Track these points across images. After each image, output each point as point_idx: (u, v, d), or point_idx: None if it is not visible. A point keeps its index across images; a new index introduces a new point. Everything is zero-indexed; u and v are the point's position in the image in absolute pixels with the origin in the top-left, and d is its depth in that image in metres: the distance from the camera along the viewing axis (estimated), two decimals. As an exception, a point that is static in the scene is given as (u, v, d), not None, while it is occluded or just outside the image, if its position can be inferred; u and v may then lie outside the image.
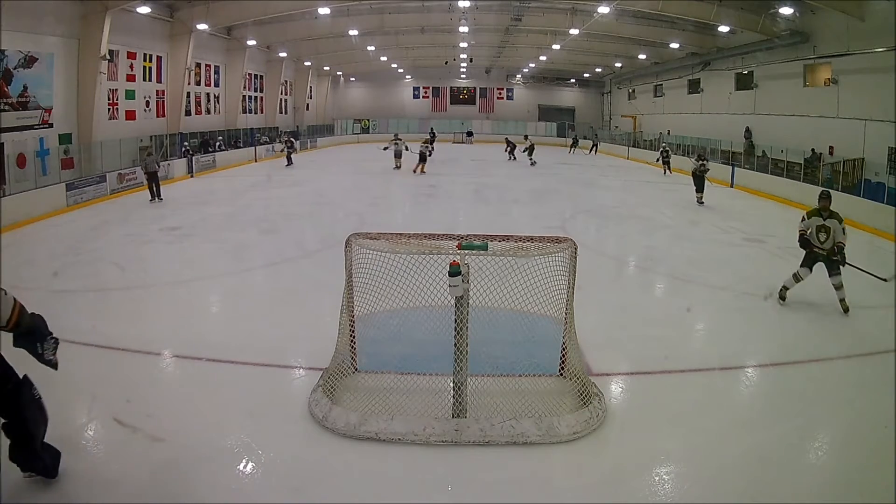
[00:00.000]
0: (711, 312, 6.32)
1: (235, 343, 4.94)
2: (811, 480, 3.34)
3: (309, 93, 32.35)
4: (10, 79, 12.61)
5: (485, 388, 3.86)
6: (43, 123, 13.63)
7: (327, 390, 3.93)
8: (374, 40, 25.45)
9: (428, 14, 22.10)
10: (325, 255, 7.82)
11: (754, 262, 8.33)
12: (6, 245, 8.55)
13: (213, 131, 21.71)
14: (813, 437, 3.86)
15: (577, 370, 4.06)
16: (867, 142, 14.13)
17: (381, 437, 3.53)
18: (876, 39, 13.46)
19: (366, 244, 3.93)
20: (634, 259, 8.62)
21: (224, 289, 6.86)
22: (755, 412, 4.11)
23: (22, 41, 12.75)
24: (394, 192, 15.62)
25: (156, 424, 3.62)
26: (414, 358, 4.18)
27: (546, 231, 7.69)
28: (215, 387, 4.26)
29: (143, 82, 17.91)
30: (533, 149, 22.26)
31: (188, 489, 3.08)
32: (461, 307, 3.61)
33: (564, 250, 3.96)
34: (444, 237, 3.84)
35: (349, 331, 4.19)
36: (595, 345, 4.77)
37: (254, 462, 3.35)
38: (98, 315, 5.70)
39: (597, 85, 36.64)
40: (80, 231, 9.82)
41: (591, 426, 3.67)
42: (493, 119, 37.49)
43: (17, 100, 12.87)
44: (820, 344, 5.31)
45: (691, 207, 13.02)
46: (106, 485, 3.10)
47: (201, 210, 11.83)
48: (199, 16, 17.96)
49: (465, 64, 32.64)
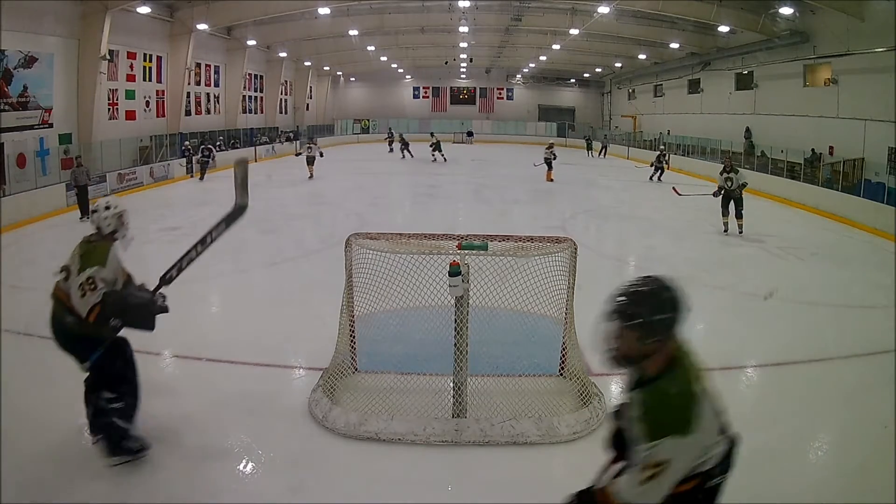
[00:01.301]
0: (711, 312, 6.31)
1: (235, 343, 4.94)
2: (811, 480, 3.34)
3: (309, 93, 32.36)
4: (10, 79, 12.62)
5: (485, 388, 3.86)
6: (43, 123, 13.63)
7: (327, 390, 3.93)
8: (374, 40, 25.45)
9: (428, 14, 22.11)
10: (325, 255, 7.82)
11: (754, 262, 8.33)
12: (6, 245, 8.56)
13: (214, 131, 21.72)
14: (813, 437, 3.86)
15: (577, 370, 4.06)
16: (867, 142, 14.14)
17: (381, 437, 3.53)
18: (876, 39, 13.46)
19: (366, 244, 3.93)
20: (634, 259, 8.62)
21: (224, 289, 6.86)
22: (755, 412, 4.10)
23: (22, 41, 12.76)
24: (394, 192, 15.62)
25: (155, 424, 3.62)
26: (414, 358, 4.18)
27: (546, 231, 7.68)
28: (215, 387, 4.26)
29: (143, 82, 17.92)
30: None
31: (188, 489, 3.08)
32: (461, 307, 3.61)
33: (564, 250, 3.96)
34: (444, 237, 3.83)
35: (349, 331, 4.19)
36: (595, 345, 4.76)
37: (254, 462, 3.35)
38: (98, 315, 5.69)
39: (597, 85, 36.64)
40: (80, 231, 9.81)
41: (591, 426, 3.66)
42: (493, 119, 37.49)
43: (17, 100, 12.88)
44: (820, 344, 5.30)
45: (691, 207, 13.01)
46: (106, 485, 3.10)
47: (201, 210, 11.82)
48: (199, 16, 17.97)
49: (465, 64, 32.64)
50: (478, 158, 24.54)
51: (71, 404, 3.94)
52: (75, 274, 3.14)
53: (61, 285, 3.24)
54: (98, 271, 3.12)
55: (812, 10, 15.40)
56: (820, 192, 13.44)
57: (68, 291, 3.17)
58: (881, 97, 13.40)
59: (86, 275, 3.10)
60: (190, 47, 18.92)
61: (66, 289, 3.20)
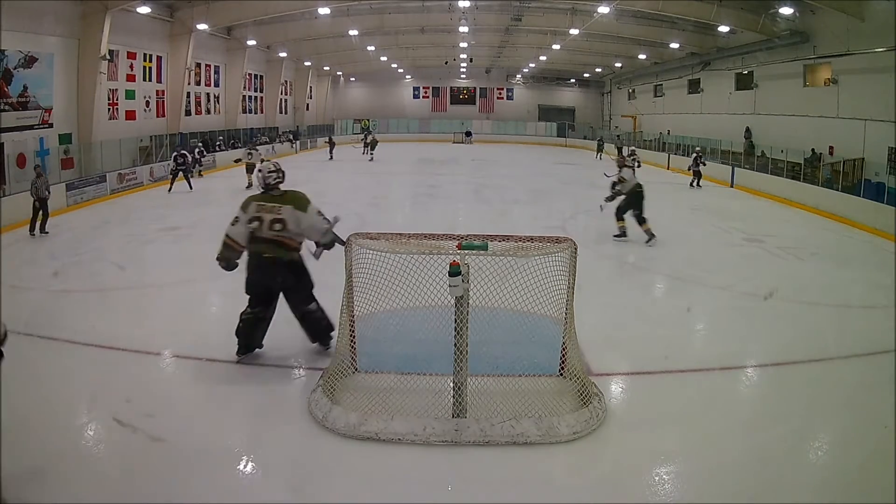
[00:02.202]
0: (711, 312, 6.32)
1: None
2: (811, 480, 3.34)
3: (309, 93, 32.37)
4: (10, 79, 12.62)
5: (485, 388, 3.86)
6: (43, 123, 13.64)
7: (327, 390, 3.93)
8: (374, 40, 25.47)
9: (428, 14, 22.13)
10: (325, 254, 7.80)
11: (754, 262, 8.33)
12: (6, 245, 8.56)
13: (213, 131, 21.72)
14: (813, 437, 3.86)
15: (577, 370, 4.05)
16: (867, 142, 14.14)
17: (381, 437, 3.53)
18: (876, 39, 13.47)
19: (366, 244, 3.93)
20: (634, 259, 8.62)
21: (224, 289, 6.81)
22: (755, 412, 4.11)
23: (22, 41, 12.76)
24: (394, 192, 15.62)
25: (156, 424, 3.62)
26: (414, 358, 4.18)
27: (546, 231, 7.68)
28: (215, 387, 4.26)
29: (143, 82, 17.93)
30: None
31: (188, 489, 3.07)
32: (461, 307, 3.61)
33: (564, 250, 3.95)
34: (444, 237, 3.83)
35: (349, 331, 4.19)
36: (595, 345, 4.77)
37: (254, 462, 3.35)
38: (98, 315, 5.70)
39: (597, 85, 36.66)
40: (80, 231, 9.82)
41: (591, 426, 3.66)
42: (494, 119, 37.50)
43: (17, 100, 12.88)
44: (820, 344, 5.31)
45: (691, 207, 13.03)
46: (106, 485, 3.10)
47: (201, 210, 11.82)
48: (199, 16, 17.98)
49: (465, 64, 32.66)
50: (478, 158, 24.54)
51: (71, 404, 3.95)
52: (302, 213, 4.31)
53: (279, 233, 4.30)
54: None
55: (812, 10, 15.40)
56: (820, 192, 13.44)
57: (298, 232, 4.34)
58: (881, 97, 13.40)
59: (315, 208, 4.38)
60: (190, 47, 18.92)
61: (293, 232, 4.33)
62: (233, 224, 4.41)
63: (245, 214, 4.38)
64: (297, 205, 4.33)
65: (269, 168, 4.49)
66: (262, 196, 4.43)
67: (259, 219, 4.32)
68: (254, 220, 4.34)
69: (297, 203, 4.34)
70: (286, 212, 4.29)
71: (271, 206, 4.34)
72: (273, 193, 4.42)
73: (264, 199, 4.39)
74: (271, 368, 4.56)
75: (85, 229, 9.95)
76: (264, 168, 4.49)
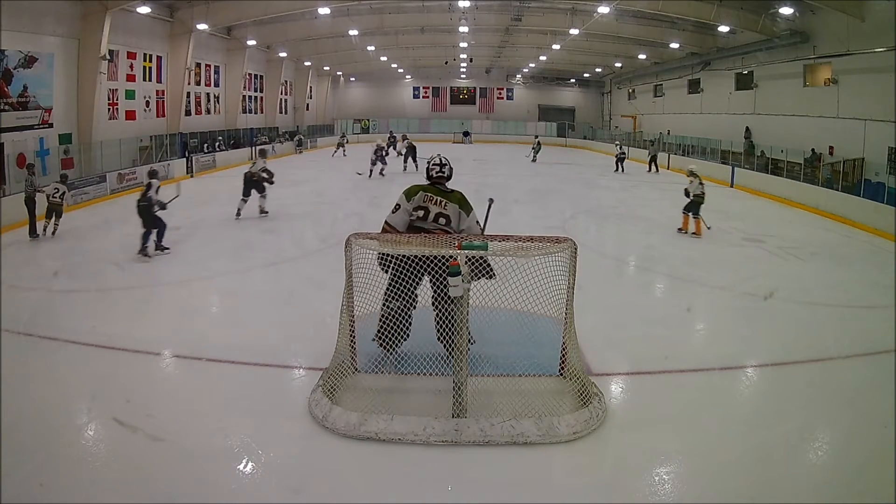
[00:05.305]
0: (711, 312, 6.32)
1: (235, 343, 4.93)
2: (811, 480, 3.34)
3: (309, 93, 32.34)
4: (10, 79, 12.61)
5: (485, 388, 3.86)
6: (43, 123, 13.62)
7: (327, 390, 3.93)
8: (374, 40, 25.44)
9: (428, 14, 22.09)
10: (325, 255, 7.83)
11: (754, 262, 8.33)
12: (6, 245, 8.56)
13: (213, 131, 21.71)
14: (813, 437, 3.86)
15: (577, 370, 4.05)
16: (867, 142, 14.13)
17: (381, 437, 3.53)
18: (876, 39, 13.46)
19: (366, 244, 3.93)
20: (634, 259, 8.62)
21: (224, 289, 6.86)
22: (755, 412, 4.11)
23: (22, 41, 12.75)
24: (394, 192, 15.44)
25: (155, 424, 3.62)
26: (414, 358, 4.18)
27: (546, 231, 7.69)
28: (215, 387, 4.26)
29: (143, 82, 17.91)
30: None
31: (188, 489, 3.07)
32: (461, 307, 3.61)
33: (564, 250, 3.95)
34: (444, 237, 3.83)
35: (349, 331, 4.19)
36: (595, 345, 4.77)
37: (254, 462, 3.35)
38: (98, 315, 5.69)
39: (597, 85, 36.63)
40: (80, 231, 9.82)
41: (591, 426, 3.66)
42: (493, 119, 37.49)
43: (17, 100, 12.87)
44: (820, 344, 5.31)
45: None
46: (106, 485, 3.10)
47: (201, 210, 11.82)
48: (199, 16, 17.96)
49: (465, 64, 32.62)
50: (478, 159, 24.54)
51: (71, 404, 3.95)
52: (465, 215, 4.39)
53: (443, 227, 4.33)
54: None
55: (812, 10, 15.39)
56: (820, 192, 13.43)
57: (456, 230, 4.33)
58: (881, 97, 13.39)
59: (475, 214, 4.49)
60: (190, 47, 18.90)
61: (453, 229, 4.34)
62: (393, 212, 4.42)
63: (409, 203, 4.40)
64: (463, 206, 4.39)
65: (435, 161, 4.60)
66: (429, 188, 4.46)
67: (425, 209, 4.36)
68: (419, 209, 4.38)
69: (462, 204, 4.40)
70: (452, 209, 4.36)
71: (439, 199, 4.38)
72: (440, 187, 4.47)
73: (432, 192, 4.42)
74: (271, 368, 4.56)
75: (85, 229, 9.95)
76: (430, 161, 4.65)
